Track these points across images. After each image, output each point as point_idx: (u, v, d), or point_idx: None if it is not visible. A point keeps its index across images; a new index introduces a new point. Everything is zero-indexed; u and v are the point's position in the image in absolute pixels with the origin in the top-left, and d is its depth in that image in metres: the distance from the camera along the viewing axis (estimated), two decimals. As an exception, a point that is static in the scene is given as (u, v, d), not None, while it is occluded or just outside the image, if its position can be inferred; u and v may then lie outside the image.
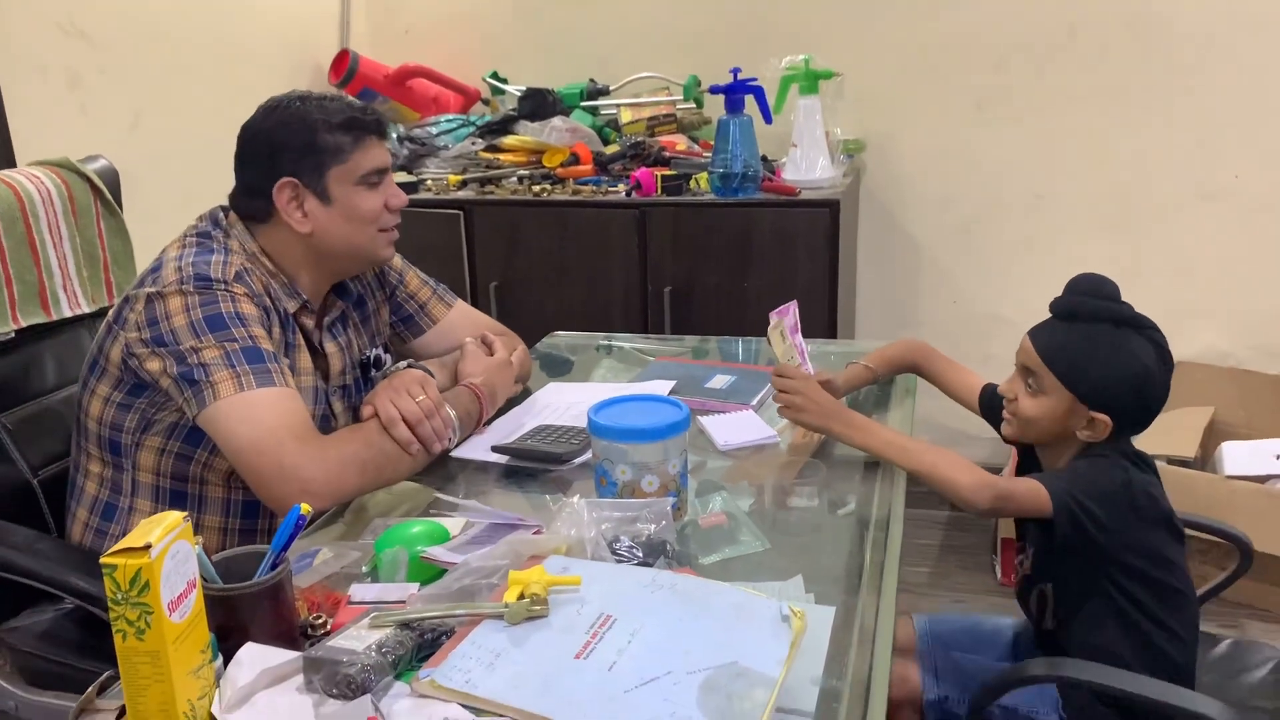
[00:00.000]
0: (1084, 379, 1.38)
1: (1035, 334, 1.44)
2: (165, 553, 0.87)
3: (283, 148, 1.50)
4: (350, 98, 1.57)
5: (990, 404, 1.60)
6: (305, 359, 1.57)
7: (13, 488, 1.60)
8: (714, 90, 2.59)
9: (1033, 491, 1.36)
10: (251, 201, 1.54)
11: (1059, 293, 1.45)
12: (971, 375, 1.68)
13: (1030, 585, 1.49)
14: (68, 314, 1.73)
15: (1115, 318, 1.39)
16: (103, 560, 0.85)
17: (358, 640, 0.97)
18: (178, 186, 2.26)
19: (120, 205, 1.84)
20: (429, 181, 2.82)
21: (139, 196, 1.96)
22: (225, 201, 1.58)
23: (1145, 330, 1.39)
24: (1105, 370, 1.37)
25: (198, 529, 0.94)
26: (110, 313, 1.51)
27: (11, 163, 2.06)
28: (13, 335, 1.65)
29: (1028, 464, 1.55)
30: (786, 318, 1.61)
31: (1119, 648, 1.38)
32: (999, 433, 1.55)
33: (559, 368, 2.05)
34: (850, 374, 1.72)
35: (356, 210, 1.53)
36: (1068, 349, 1.40)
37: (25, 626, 1.51)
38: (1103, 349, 1.38)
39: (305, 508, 1.04)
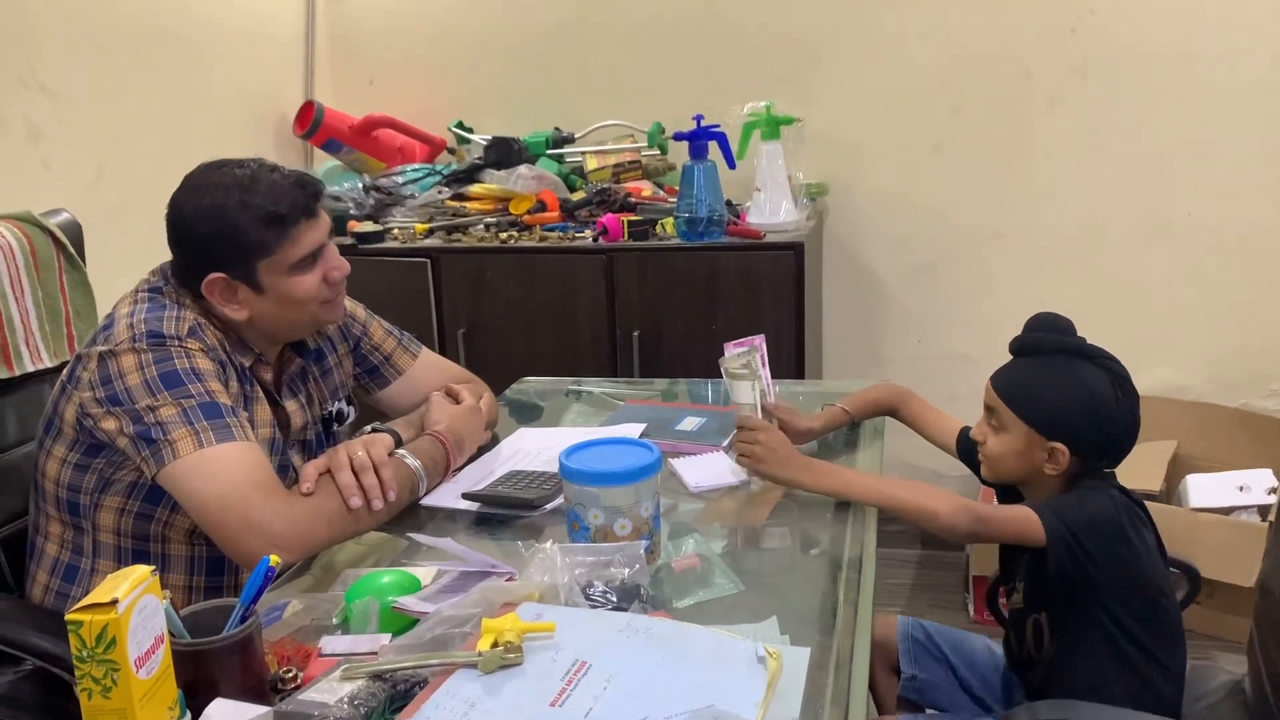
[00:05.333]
0: (1035, 409, 1.41)
1: (995, 374, 1.48)
2: (132, 608, 0.85)
3: (207, 245, 1.45)
4: (280, 174, 1.48)
5: (966, 447, 1.62)
6: (264, 411, 1.55)
7: (-29, 547, 1.57)
8: (678, 137, 2.63)
9: (1017, 519, 1.37)
10: (188, 279, 1.49)
11: (1020, 330, 1.47)
12: (948, 419, 1.70)
13: (1024, 617, 1.49)
14: (30, 368, 1.71)
15: (1067, 349, 1.42)
16: (69, 616, 0.84)
17: (329, 693, 0.95)
18: (141, 240, 2.24)
19: (83, 258, 1.83)
20: (396, 230, 2.82)
21: (102, 250, 1.94)
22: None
23: (1098, 360, 1.42)
24: (1054, 397, 1.40)
25: (162, 588, 0.93)
26: (64, 372, 1.48)
27: (-28, 217, 2.04)
28: (-27, 391, 1.63)
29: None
30: (756, 345, 1.62)
31: (1110, 679, 1.39)
32: (977, 476, 1.56)
33: (528, 413, 2.04)
34: (827, 416, 1.73)
35: (290, 296, 1.49)
36: (1020, 382, 1.44)
37: (-16, 689, 1.47)
38: (1052, 378, 1.41)
39: (274, 559, 1.03)
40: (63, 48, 2.30)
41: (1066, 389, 1.40)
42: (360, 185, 2.97)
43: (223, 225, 1.44)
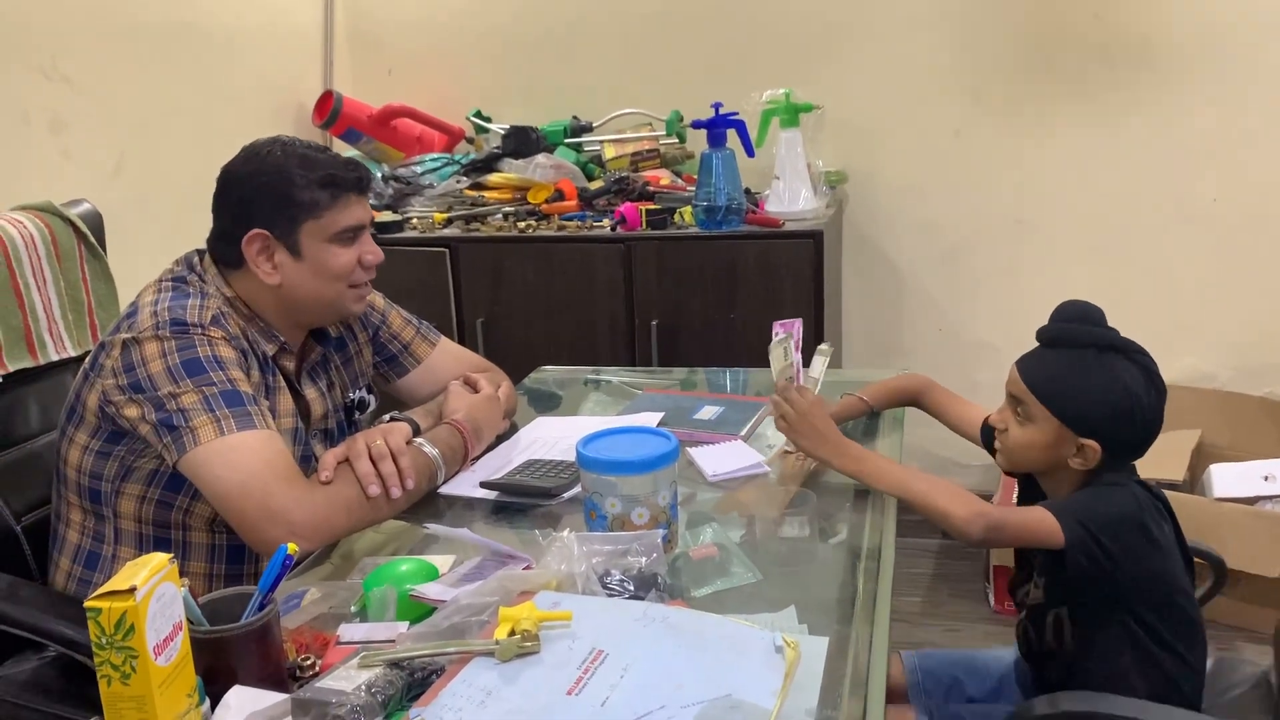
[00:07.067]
0: (1070, 406, 1.38)
1: (1022, 362, 1.44)
2: (150, 595, 0.86)
3: (256, 199, 1.48)
4: (335, 152, 1.55)
5: (990, 436, 1.60)
6: (286, 401, 1.56)
7: (-4, 535, 1.58)
8: (696, 125, 2.62)
9: (1033, 523, 1.35)
10: (224, 247, 1.52)
11: (1042, 318, 1.45)
12: (972, 407, 1.68)
13: (1044, 611, 1.47)
14: (54, 358, 1.72)
15: (1100, 343, 1.39)
16: (87, 604, 0.84)
17: (347, 681, 0.95)
18: (161, 230, 2.26)
19: (104, 248, 1.84)
20: (414, 220, 2.82)
21: (122, 240, 1.95)
22: (205, 244, 1.57)
23: (1132, 355, 1.38)
24: (1091, 396, 1.37)
25: (182, 575, 0.93)
26: (87, 360, 1.49)
27: (-6, 208, 2.05)
28: (-1, 381, 1.64)
29: (1030, 494, 1.54)
30: (792, 332, 1.61)
31: (1130, 673, 1.37)
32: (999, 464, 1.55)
33: (547, 402, 2.04)
34: (844, 405, 1.72)
35: (326, 266, 1.51)
36: (1053, 376, 1.40)
37: (8, 675, 1.49)
38: (1088, 375, 1.38)
39: (292, 547, 1.03)
40: (84, 39, 2.31)
41: (1102, 386, 1.36)
42: (379, 175, 2.97)
43: (278, 180, 1.48)
